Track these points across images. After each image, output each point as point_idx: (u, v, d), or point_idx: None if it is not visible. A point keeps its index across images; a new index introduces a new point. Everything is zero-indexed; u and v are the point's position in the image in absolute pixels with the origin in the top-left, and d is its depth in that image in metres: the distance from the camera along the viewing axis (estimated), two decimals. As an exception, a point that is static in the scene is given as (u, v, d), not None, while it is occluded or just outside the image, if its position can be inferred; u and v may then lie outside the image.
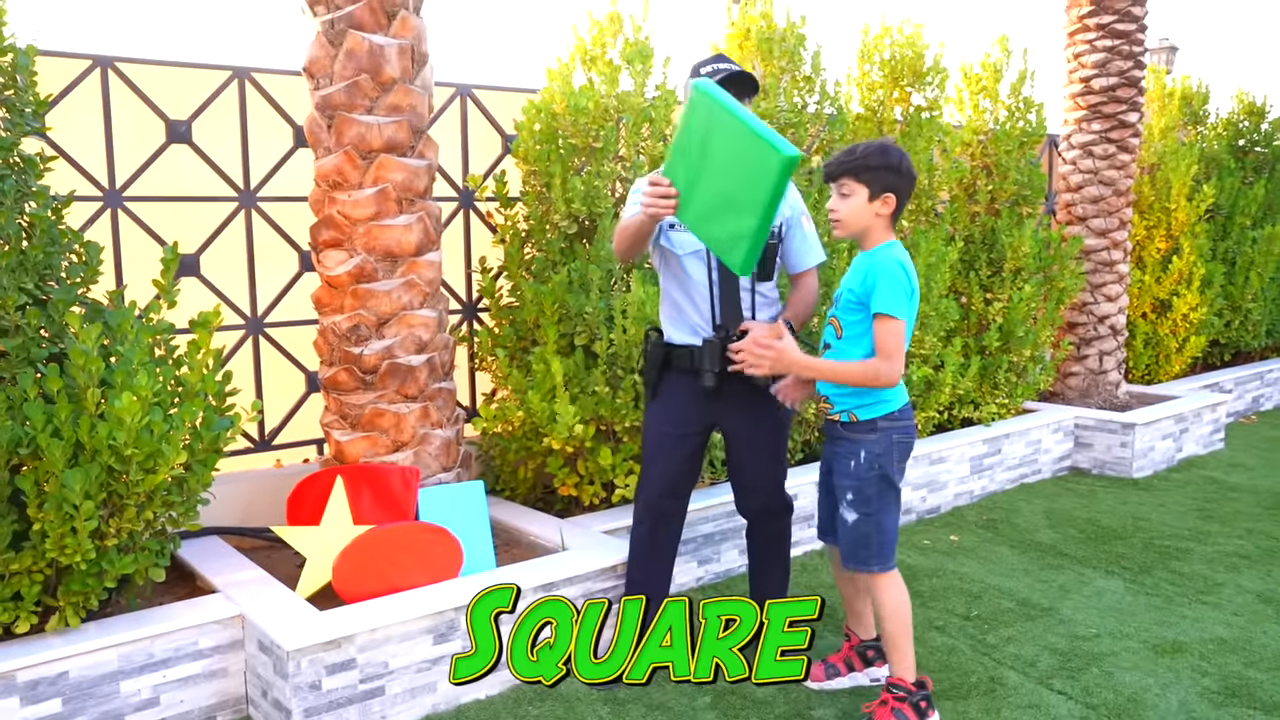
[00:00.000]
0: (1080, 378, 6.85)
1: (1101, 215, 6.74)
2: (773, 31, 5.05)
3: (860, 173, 2.84)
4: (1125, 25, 6.56)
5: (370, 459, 3.62)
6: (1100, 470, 6.12)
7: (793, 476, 4.61)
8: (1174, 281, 7.58)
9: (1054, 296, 6.23)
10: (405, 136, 3.60)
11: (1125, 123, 6.65)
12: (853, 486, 2.96)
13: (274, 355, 4.42)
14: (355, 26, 3.51)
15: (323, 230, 3.62)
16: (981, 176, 6.28)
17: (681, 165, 2.74)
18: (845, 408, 2.96)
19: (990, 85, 6.28)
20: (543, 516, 4.14)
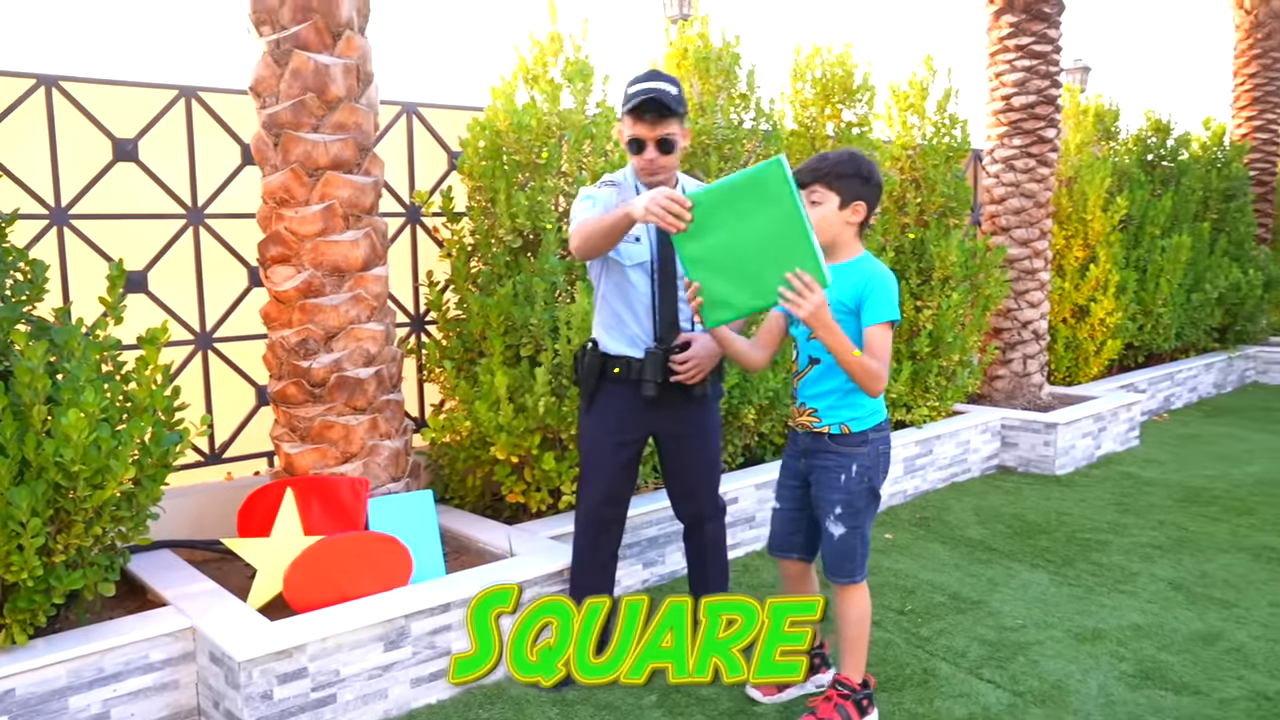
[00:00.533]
0: (1006, 380, 6.99)
1: (1023, 226, 6.88)
2: (709, 51, 5.10)
3: (832, 180, 2.78)
4: (1042, 46, 6.72)
5: (320, 470, 3.58)
6: (1025, 468, 6.25)
7: (731, 480, 4.65)
8: (1091, 288, 7.77)
9: (980, 303, 6.34)
10: (351, 154, 3.57)
11: (1044, 138, 6.81)
12: (843, 500, 2.89)
13: (223, 370, 4.36)
14: (301, 46, 3.48)
15: (270, 246, 3.58)
16: (910, 189, 6.39)
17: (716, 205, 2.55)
18: (837, 420, 2.88)
19: (917, 102, 6.39)
20: (491, 524, 4.12)
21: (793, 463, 3.04)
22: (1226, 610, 3.90)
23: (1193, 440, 7.13)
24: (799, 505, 3.04)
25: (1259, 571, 4.33)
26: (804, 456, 2.97)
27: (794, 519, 3.07)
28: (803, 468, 2.98)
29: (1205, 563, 4.45)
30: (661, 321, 3.11)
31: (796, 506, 3.05)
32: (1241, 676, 3.34)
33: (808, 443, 2.95)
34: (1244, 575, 4.29)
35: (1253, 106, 10.55)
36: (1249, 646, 3.57)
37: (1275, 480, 5.93)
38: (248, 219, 4.29)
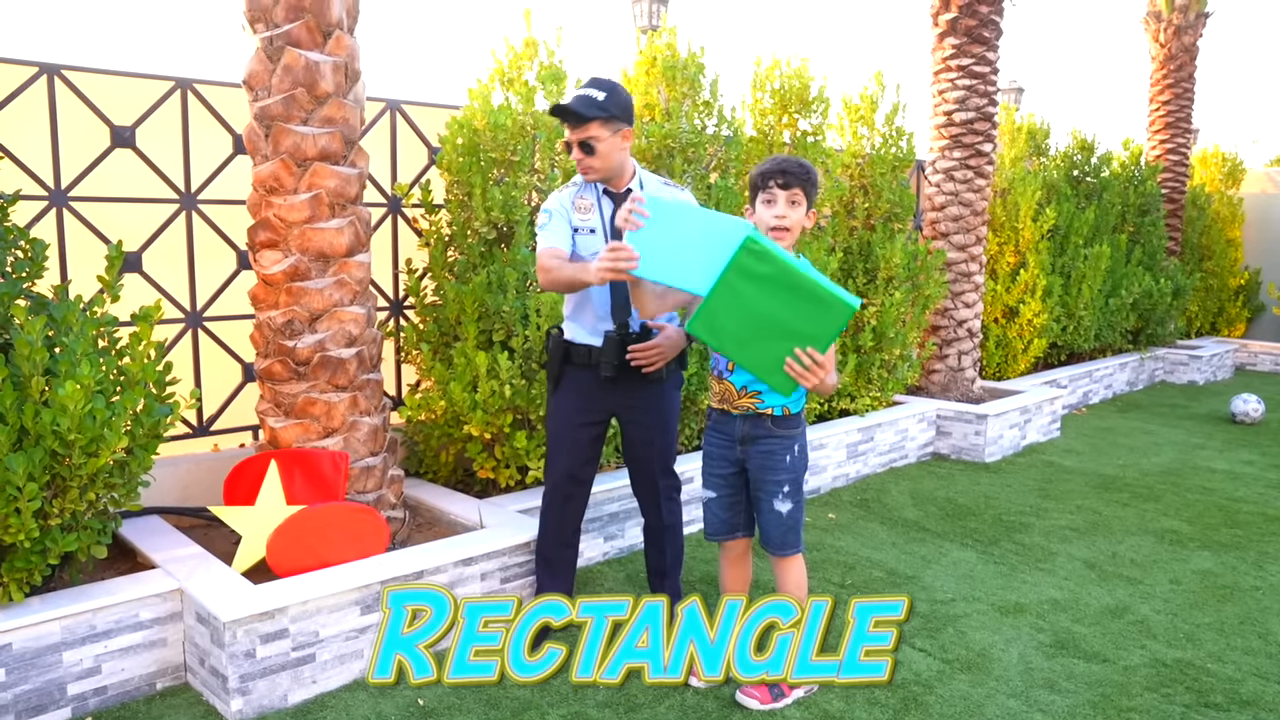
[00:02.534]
0: (942, 374, 7.08)
1: (961, 232, 6.97)
2: (675, 60, 5.10)
3: (808, 185, 2.79)
4: (981, 68, 6.80)
5: (302, 444, 3.56)
6: (958, 455, 6.34)
7: (688, 461, 4.66)
8: (1021, 291, 7.89)
9: (920, 303, 6.41)
10: (338, 146, 3.55)
11: (981, 152, 6.89)
12: (790, 479, 2.89)
13: (212, 347, 4.31)
14: (293, 44, 3.44)
15: (260, 232, 3.55)
16: (859, 195, 6.44)
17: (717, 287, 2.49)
18: (777, 403, 2.85)
19: (867, 115, 6.44)
20: (462, 497, 4.13)
21: (724, 450, 2.95)
22: (1133, 587, 4.01)
23: (1108, 433, 7.28)
24: (735, 489, 3.00)
25: (1162, 552, 4.45)
26: (741, 443, 2.91)
27: (732, 504, 3.02)
28: (738, 454, 2.93)
29: (1116, 544, 4.56)
30: (616, 308, 3.12)
31: (733, 491, 3.00)
32: (1144, 646, 3.44)
33: (746, 428, 2.89)
34: (1149, 555, 4.41)
35: (1165, 130, 10.76)
36: (1151, 619, 3.67)
37: (1178, 470, 6.08)
38: (238, 205, 4.25)
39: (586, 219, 3.10)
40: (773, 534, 2.95)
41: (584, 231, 3.10)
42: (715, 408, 2.99)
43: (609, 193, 3.12)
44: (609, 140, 3.01)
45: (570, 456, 3.28)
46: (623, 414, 3.28)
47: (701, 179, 5.12)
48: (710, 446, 3.02)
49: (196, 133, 4.17)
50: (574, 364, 3.20)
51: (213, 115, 4.21)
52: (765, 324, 2.52)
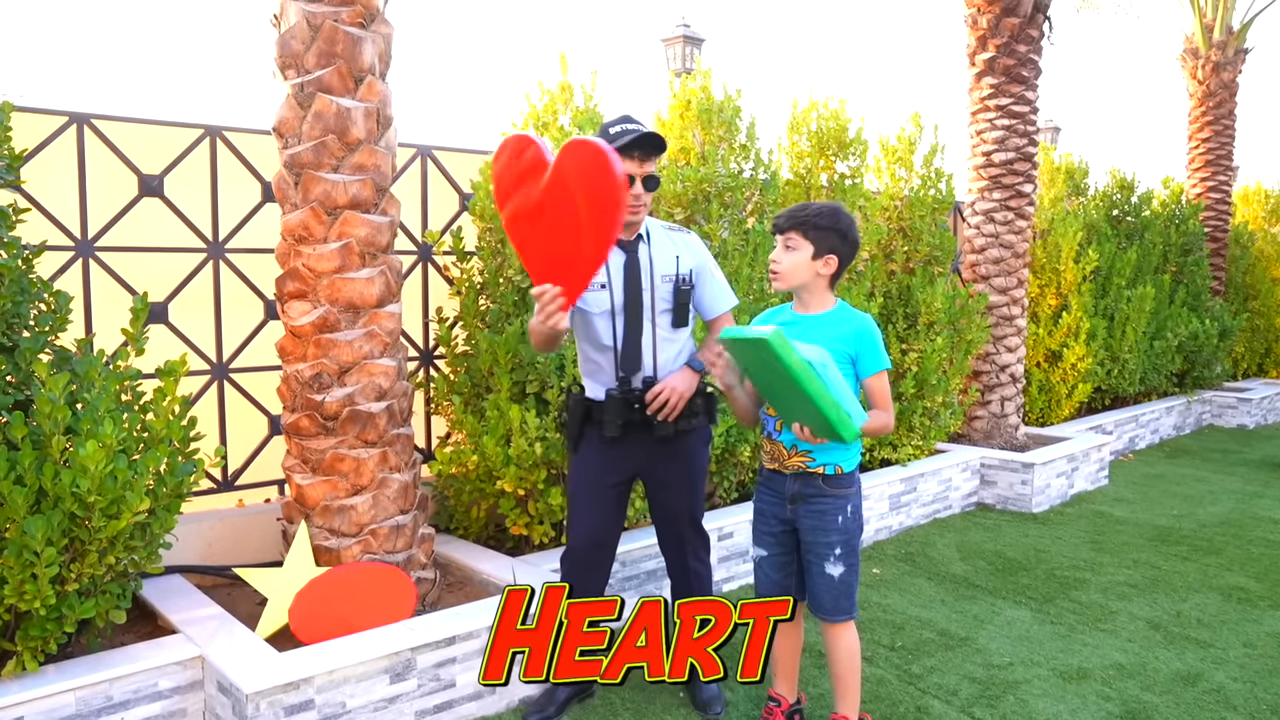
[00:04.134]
0: (985, 421, 6.91)
1: (1002, 274, 6.83)
2: (711, 103, 5.05)
3: (809, 229, 2.70)
4: (1020, 107, 6.70)
5: (330, 502, 3.45)
6: (1003, 505, 6.15)
7: (726, 515, 4.55)
8: (1064, 334, 7.72)
9: (962, 347, 6.27)
10: (369, 194, 3.48)
11: (1021, 193, 6.77)
12: (841, 541, 2.79)
13: (238, 399, 4.24)
14: (324, 90, 3.39)
15: (288, 282, 3.48)
16: (898, 238, 6.34)
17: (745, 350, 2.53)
18: (831, 460, 2.77)
19: (905, 156, 6.35)
20: (494, 555, 4.02)
21: (775, 508, 2.87)
22: (1204, 650, 3.79)
23: (1158, 480, 7.05)
24: (787, 549, 2.89)
25: (1230, 611, 4.23)
26: (791, 501, 2.81)
27: (784, 564, 2.91)
28: (789, 513, 2.83)
29: (1179, 602, 4.34)
30: (623, 360, 3.00)
31: (784, 551, 2.90)
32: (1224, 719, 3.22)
33: (797, 487, 2.80)
34: (1217, 615, 4.18)
35: (1206, 168, 10.59)
36: (1229, 688, 3.45)
37: (1238, 521, 5.84)
38: (266, 254, 4.19)
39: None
40: (824, 599, 2.82)
41: (593, 287, 2.96)
42: (767, 467, 2.90)
43: (620, 242, 2.97)
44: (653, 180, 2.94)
45: (592, 520, 3.12)
46: (646, 472, 3.14)
47: (739, 223, 5.02)
48: (761, 503, 2.92)
49: (225, 181, 4.14)
50: (594, 422, 3.07)
51: (242, 163, 4.18)
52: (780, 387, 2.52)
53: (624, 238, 2.98)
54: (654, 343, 3.01)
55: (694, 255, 3.08)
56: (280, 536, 3.86)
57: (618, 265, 2.97)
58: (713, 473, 4.81)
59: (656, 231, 3.06)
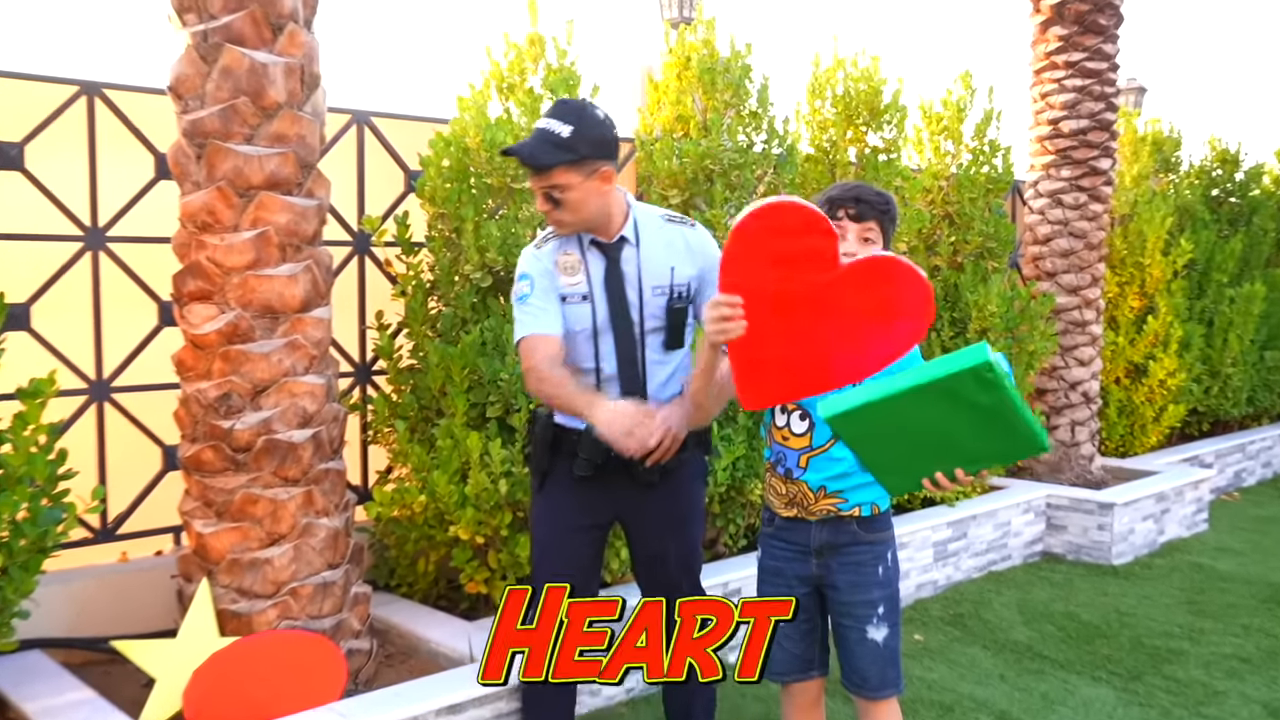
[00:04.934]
0: (1052, 451, 6.92)
1: (1072, 270, 6.86)
2: (715, 61, 5.07)
3: (886, 222, 2.75)
4: (1096, 64, 6.74)
5: (240, 555, 3.43)
6: (1076, 556, 6.15)
7: (730, 567, 4.55)
8: (1149, 343, 7.76)
9: (1023, 360, 6.29)
10: (291, 171, 3.48)
11: (1097, 169, 6.81)
12: (885, 597, 2.78)
13: (123, 426, 4.22)
14: (233, 40, 3.39)
15: (188, 279, 3.47)
16: (943, 226, 6.37)
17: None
18: (866, 499, 2.76)
19: (953, 126, 6.39)
20: (446, 618, 4.02)
21: (795, 565, 2.84)
22: (1331, 740, 3.78)
23: (1272, 525, 7.08)
24: (810, 614, 2.87)
25: (1364, 690, 4.23)
26: (818, 555, 2.80)
27: (807, 633, 2.88)
28: (815, 569, 2.81)
29: (1301, 679, 4.35)
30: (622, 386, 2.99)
31: (806, 617, 2.86)
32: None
33: (826, 536, 2.78)
34: (1347, 695, 4.18)
35: (1331, 138, 10.66)
36: (1362, 787, 3.44)
37: (1370, 576, 5.86)
38: (160, 244, 4.15)
39: (574, 282, 2.97)
40: (868, 671, 2.80)
41: (574, 299, 2.97)
42: (782, 514, 2.85)
43: (598, 244, 2.98)
44: (582, 187, 2.86)
45: (561, 573, 3.07)
46: (628, 516, 3.15)
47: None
48: (773, 560, 2.89)
49: (107, 152, 4.13)
50: (565, 454, 3.06)
51: (128, 129, 4.17)
52: (932, 439, 2.41)
53: (601, 238, 2.97)
54: (642, 366, 3.01)
55: (695, 259, 3.04)
56: (175, 599, 3.83)
57: (598, 272, 2.97)
58: (715, 515, 4.80)
59: (650, 227, 3.03)
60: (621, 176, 4.87)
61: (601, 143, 2.88)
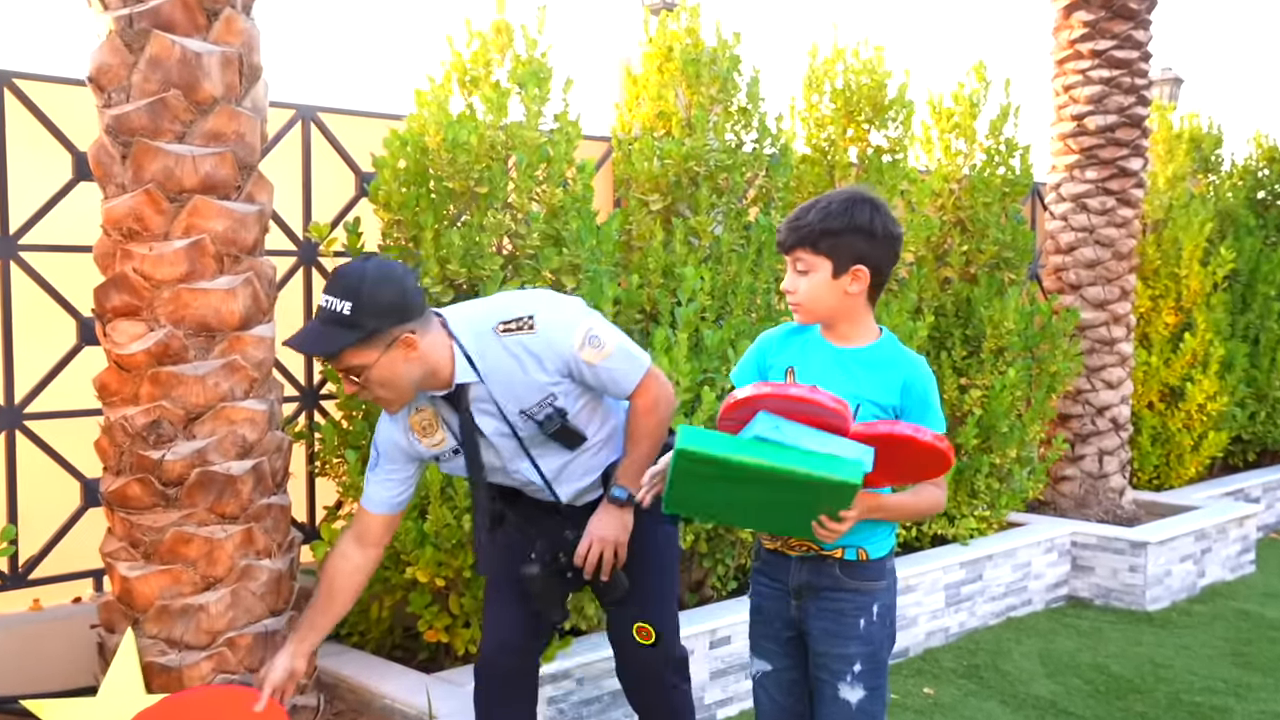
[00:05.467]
0: (1076, 483, 6.99)
1: (1099, 282, 6.94)
2: (700, 52, 5.12)
3: (818, 241, 2.69)
4: (1126, 52, 6.85)
5: (170, 601, 3.45)
6: (1105, 601, 6.21)
7: (718, 613, 4.60)
8: (1186, 364, 7.83)
9: (1044, 383, 6.35)
10: (229, 173, 3.51)
11: (1127, 170, 6.90)
12: (864, 654, 2.77)
13: (36, 457, 4.24)
14: (162, 26, 3.41)
15: (113, 293, 3.49)
16: (955, 234, 6.43)
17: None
18: (853, 542, 2.73)
19: (964, 122, 6.45)
20: (401, 671, 4.04)
21: (778, 604, 2.87)
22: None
23: (1322, 567, 7.16)
24: (797, 662, 2.89)
25: None
26: (796, 596, 2.82)
27: (794, 685, 2.90)
28: (794, 611, 2.84)
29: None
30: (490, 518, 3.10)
31: (793, 665, 2.89)
32: None
33: (805, 575, 2.80)
34: None
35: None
36: None
37: None
38: (80, 254, 4.19)
39: (436, 442, 3.01)
40: None
41: (446, 456, 3.04)
42: (766, 546, 2.91)
43: (445, 398, 2.96)
44: (381, 362, 2.79)
45: (509, 616, 3.18)
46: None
47: (737, 215, 5.09)
48: (759, 598, 2.93)
49: (18, 149, 4.15)
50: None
51: (43, 125, 4.20)
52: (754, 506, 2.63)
53: (434, 391, 2.93)
54: (555, 475, 3.10)
55: (549, 363, 2.92)
56: (95, 651, 3.84)
57: (455, 425, 2.99)
58: (702, 555, 4.85)
59: (489, 354, 2.91)
60: (598, 180, 4.94)
61: (392, 309, 2.77)
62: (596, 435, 3.11)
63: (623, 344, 2.99)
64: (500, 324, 2.89)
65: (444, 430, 2.99)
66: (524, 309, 2.92)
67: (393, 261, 2.93)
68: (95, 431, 3.65)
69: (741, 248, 4.97)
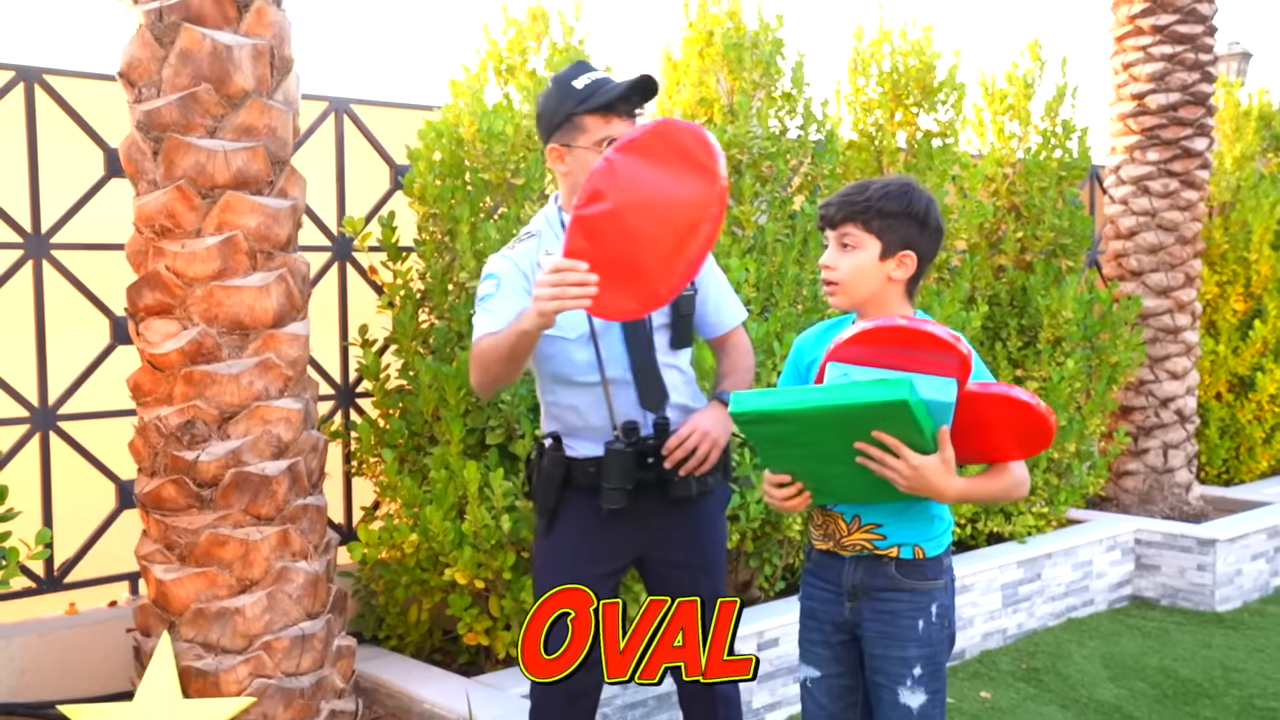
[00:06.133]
0: (1140, 478, 6.93)
1: (1162, 269, 6.88)
2: (742, 36, 5.12)
3: (872, 219, 2.70)
4: (1190, 27, 6.78)
5: (206, 604, 3.49)
6: (1172, 601, 6.16)
7: (767, 613, 4.58)
8: (1257, 353, 7.76)
9: (1104, 374, 6.30)
10: (261, 168, 3.54)
11: (1191, 151, 6.83)
12: (923, 656, 2.75)
13: (70, 459, 4.27)
14: (192, 19, 3.44)
15: (145, 292, 3.52)
16: (1009, 220, 6.39)
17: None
18: (907, 539, 2.75)
19: (1019, 104, 6.42)
20: (441, 674, 4.05)
21: (829, 607, 2.85)
22: None
23: (1398, 564, 7.05)
24: (847, 668, 2.87)
25: None
26: (850, 598, 2.80)
27: (845, 691, 2.89)
28: (848, 614, 2.82)
29: None
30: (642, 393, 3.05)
31: (844, 669, 2.87)
32: None
33: (859, 576, 2.78)
34: None
35: None
36: None
37: None
38: (113, 251, 4.23)
39: None
40: None
41: None
42: (817, 547, 2.90)
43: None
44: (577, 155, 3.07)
45: None
46: (651, 553, 3.19)
47: (782, 204, 5.08)
48: (810, 600, 2.91)
49: (50, 146, 4.19)
50: (578, 487, 3.11)
51: (74, 120, 4.24)
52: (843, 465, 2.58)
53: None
54: (657, 368, 3.07)
55: None
56: (131, 656, 3.88)
57: None
58: (749, 554, 4.84)
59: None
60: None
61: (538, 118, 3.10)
62: (688, 357, 3.21)
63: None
64: None
65: None
66: None
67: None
68: (129, 432, 3.68)
69: (786, 237, 4.95)
